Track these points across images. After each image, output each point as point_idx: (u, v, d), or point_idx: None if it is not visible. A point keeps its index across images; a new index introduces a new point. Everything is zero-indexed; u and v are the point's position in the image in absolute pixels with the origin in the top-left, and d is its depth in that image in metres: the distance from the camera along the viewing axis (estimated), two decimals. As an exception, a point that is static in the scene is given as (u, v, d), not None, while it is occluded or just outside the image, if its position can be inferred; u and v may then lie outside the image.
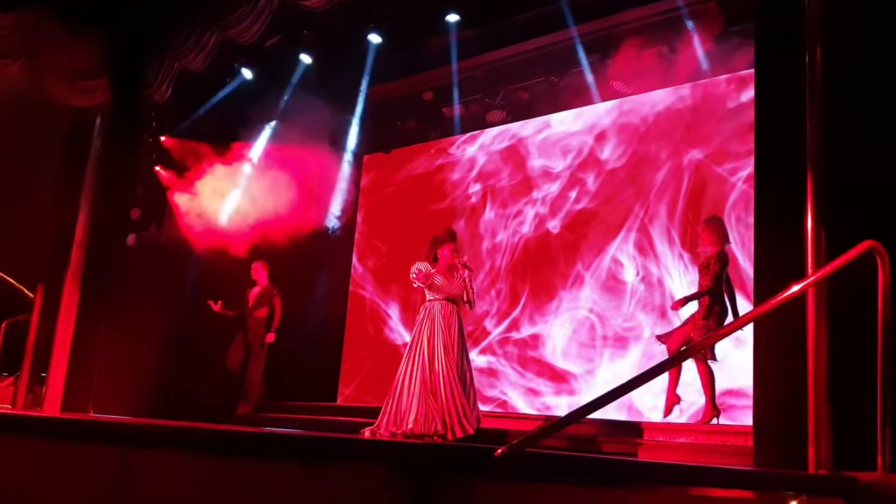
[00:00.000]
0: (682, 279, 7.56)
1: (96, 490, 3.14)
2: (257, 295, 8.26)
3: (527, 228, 8.77)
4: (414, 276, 6.01)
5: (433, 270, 5.99)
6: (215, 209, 8.56)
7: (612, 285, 7.98)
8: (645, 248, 7.89)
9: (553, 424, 4.30)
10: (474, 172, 9.40)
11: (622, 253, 7.98)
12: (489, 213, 9.14)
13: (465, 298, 5.99)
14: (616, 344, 7.85)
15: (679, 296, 6.93)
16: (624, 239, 8.00)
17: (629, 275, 7.92)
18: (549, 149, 8.81)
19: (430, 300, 5.98)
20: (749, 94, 7.10)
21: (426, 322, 5.87)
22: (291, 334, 9.34)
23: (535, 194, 8.78)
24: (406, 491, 2.36)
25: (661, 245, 7.80)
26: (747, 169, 7.18)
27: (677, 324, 6.49)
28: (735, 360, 6.79)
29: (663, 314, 7.54)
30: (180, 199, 8.51)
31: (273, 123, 9.34)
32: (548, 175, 8.75)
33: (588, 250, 8.26)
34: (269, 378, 8.49)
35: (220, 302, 8.18)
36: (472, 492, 2.35)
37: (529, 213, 8.79)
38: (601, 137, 8.39)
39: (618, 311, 7.92)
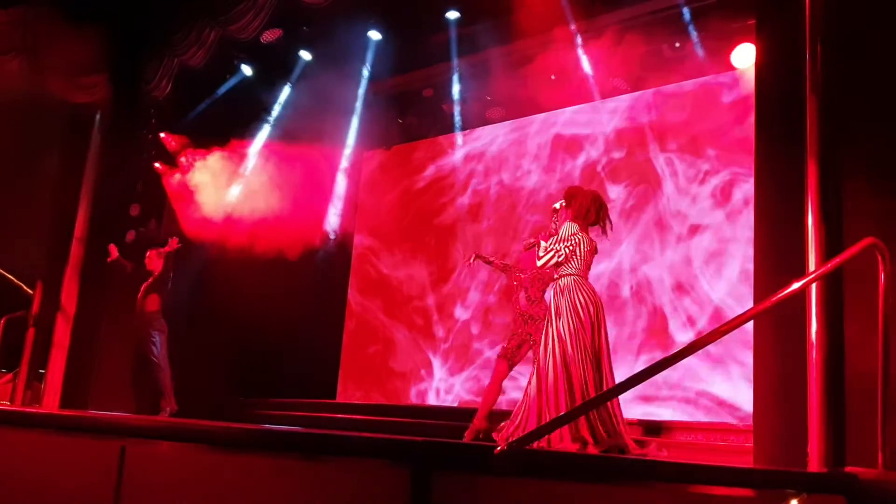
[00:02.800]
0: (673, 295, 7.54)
1: (95, 484, 3.13)
2: (148, 285, 7.37)
3: (524, 227, 8.76)
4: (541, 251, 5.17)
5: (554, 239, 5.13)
6: (215, 205, 8.54)
7: (608, 300, 7.92)
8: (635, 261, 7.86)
9: (552, 422, 4.30)
10: (473, 169, 9.39)
11: (618, 275, 7.92)
12: (489, 211, 9.13)
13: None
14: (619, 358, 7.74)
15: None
16: (620, 256, 7.95)
17: (624, 289, 7.86)
18: (547, 146, 8.80)
19: (560, 275, 5.06)
20: (747, 90, 7.10)
21: (558, 305, 4.96)
22: (291, 332, 9.35)
23: (535, 190, 8.77)
24: (405, 487, 2.36)
25: (654, 253, 7.78)
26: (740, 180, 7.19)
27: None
28: (732, 359, 6.80)
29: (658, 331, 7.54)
30: (179, 196, 8.49)
31: (272, 119, 9.33)
32: (547, 172, 8.74)
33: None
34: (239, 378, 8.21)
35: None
36: (472, 488, 2.35)
37: (529, 215, 8.78)
38: (598, 136, 8.38)
39: (620, 326, 7.82)
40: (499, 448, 2.29)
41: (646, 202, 7.91)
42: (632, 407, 7.28)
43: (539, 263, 5.18)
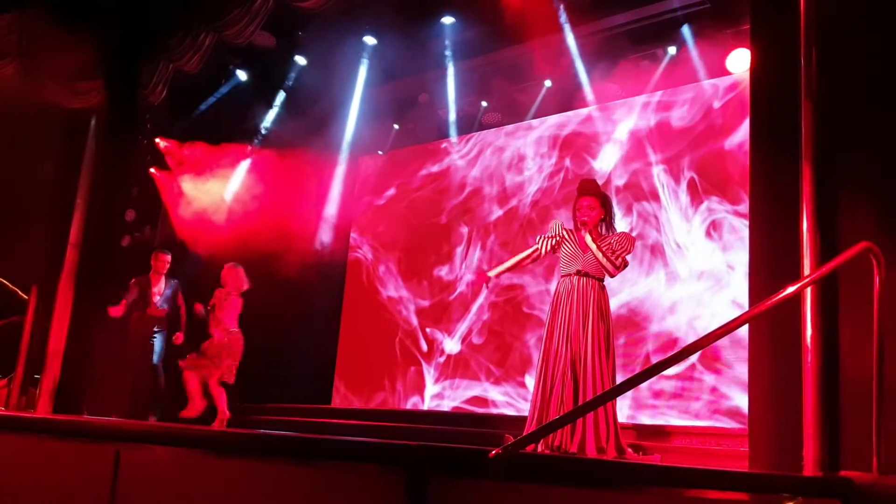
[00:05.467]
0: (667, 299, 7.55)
1: (90, 489, 3.13)
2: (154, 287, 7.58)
3: (521, 234, 8.76)
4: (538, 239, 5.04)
5: (561, 234, 4.95)
6: (209, 210, 8.54)
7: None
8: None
9: (547, 426, 4.30)
10: (469, 174, 9.40)
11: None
12: (485, 216, 9.13)
13: (602, 266, 4.80)
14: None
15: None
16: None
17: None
18: (543, 150, 8.81)
19: (562, 275, 4.93)
20: (743, 95, 7.11)
21: (556, 304, 4.85)
22: (287, 337, 9.34)
23: (530, 197, 8.78)
24: (399, 491, 2.35)
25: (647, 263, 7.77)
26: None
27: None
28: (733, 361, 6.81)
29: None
30: (175, 201, 8.49)
31: (268, 124, 9.34)
32: (543, 177, 8.74)
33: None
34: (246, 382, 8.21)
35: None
36: (466, 492, 2.34)
37: (525, 214, 8.79)
38: (595, 142, 8.39)
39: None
40: (494, 452, 2.28)
41: (644, 207, 7.91)
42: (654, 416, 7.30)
43: (614, 276, 4.90)
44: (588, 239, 4.85)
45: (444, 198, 9.55)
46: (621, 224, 7.44)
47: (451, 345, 8.94)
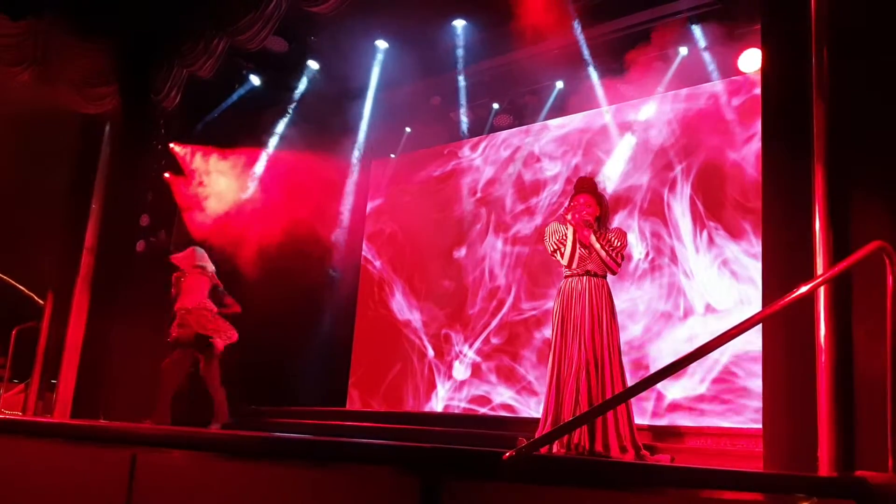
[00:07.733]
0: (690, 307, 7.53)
1: (106, 493, 3.15)
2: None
3: (532, 234, 8.76)
4: (547, 240, 5.02)
5: (565, 235, 4.93)
6: (224, 215, 8.58)
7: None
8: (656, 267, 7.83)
9: (562, 427, 4.30)
10: (481, 176, 9.41)
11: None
12: (497, 217, 9.14)
13: (606, 265, 4.86)
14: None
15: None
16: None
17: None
18: (555, 153, 8.80)
19: (565, 276, 4.97)
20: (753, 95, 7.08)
21: (566, 304, 4.87)
22: (300, 338, 9.37)
23: (543, 199, 8.77)
24: (413, 493, 2.36)
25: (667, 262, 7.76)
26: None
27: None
28: (744, 361, 6.78)
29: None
30: (189, 205, 8.54)
31: (281, 128, 9.38)
32: (555, 180, 8.74)
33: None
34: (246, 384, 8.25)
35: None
36: (481, 494, 2.35)
37: (537, 219, 8.78)
38: (609, 142, 8.38)
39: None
40: (508, 454, 2.29)
41: (653, 213, 7.90)
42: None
43: (617, 274, 5.01)
44: (593, 239, 4.87)
45: (456, 200, 9.55)
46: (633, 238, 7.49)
47: (460, 370, 8.93)
